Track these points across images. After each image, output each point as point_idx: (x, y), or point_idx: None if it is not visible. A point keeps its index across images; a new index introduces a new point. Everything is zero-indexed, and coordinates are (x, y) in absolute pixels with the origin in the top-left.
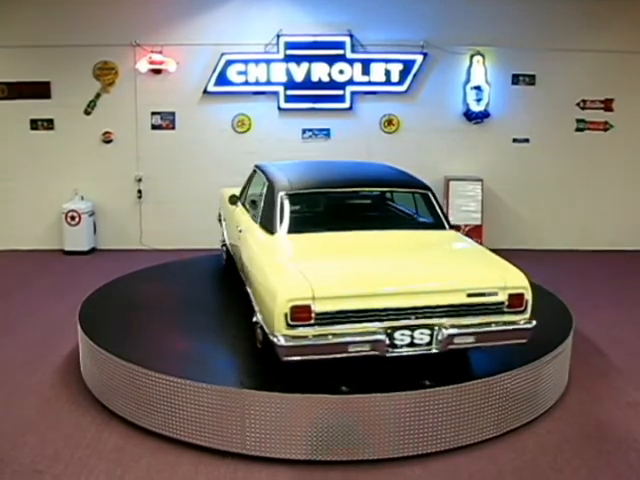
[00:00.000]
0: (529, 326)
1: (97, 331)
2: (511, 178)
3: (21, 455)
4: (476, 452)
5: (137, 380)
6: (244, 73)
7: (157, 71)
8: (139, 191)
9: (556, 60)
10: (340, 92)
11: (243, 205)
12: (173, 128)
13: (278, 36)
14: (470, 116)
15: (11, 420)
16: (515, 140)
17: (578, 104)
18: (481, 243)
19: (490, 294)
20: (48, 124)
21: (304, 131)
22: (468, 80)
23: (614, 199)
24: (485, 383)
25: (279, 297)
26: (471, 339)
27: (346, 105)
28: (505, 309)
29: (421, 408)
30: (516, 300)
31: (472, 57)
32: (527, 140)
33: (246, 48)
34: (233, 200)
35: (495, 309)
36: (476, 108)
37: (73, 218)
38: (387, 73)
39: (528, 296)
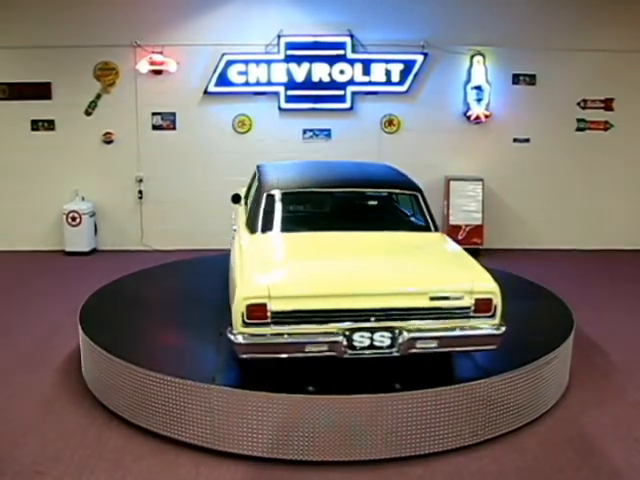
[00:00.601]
0: (497, 332)
1: (98, 331)
2: (512, 178)
3: (22, 455)
4: (477, 452)
5: (138, 381)
6: (245, 73)
7: (158, 72)
8: (140, 192)
9: (556, 60)
10: (341, 92)
11: (245, 204)
12: (174, 129)
13: (279, 36)
14: (470, 116)
15: (12, 420)
16: (516, 140)
17: (579, 104)
18: (481, 243)
19: (455, 298)
20: (49, 125)
21: (305, 131)
22: (469, 80)
23: (615, 198)
24: (486, 383)
25: (237, 296)
26: (434, 343)
27: (347, 105)
28: (472, 314)
29: (422, 408)
30: (483, 305)
31: (472, 57)
32: (528, 140)
33: (247, 48)
34: (235, 199)
35: (461, 313)
36: (476, 111)
37: (74, 219)
38: (388, 73)
39: (497, 301)
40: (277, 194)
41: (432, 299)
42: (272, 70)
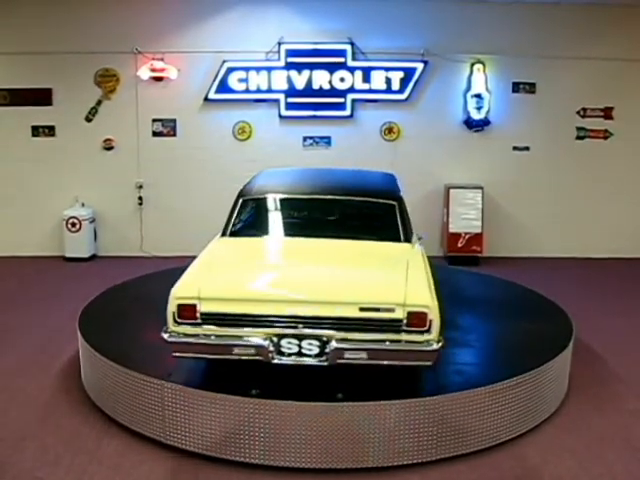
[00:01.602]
0: (430, 348)
1: (97, 337)
2: (511, 186)
3: (21, 461)
4: (476, 460)
5: (137, 387)
6: (245, 80)
7: (158, 78)
8: (140, 198)
9: (556, 68)
10: (341, 100)
11: None
12: (174, 135)
13: (279, 44)
14: (470, 124)
15: (11, 426)
16: (515, 148)
17: (578, 112)
18: (481, 251)
19: (386, 310)
20: (49, 131)
21: (305, 139)
22: (468, 88)
23: (614, 207)
24: (486, 391)
25: (170, 295)
26: (363, 355)
27: (347, 113)
28: (404, 327)
29: (419, 416)
30: (416, 319)
31: (472, 65)
32: (527, 148)
33: (247, 56)
34: None
35: (392, 326)
36: (476, 116)
37: (74, 225)
38: (388, 81)
39: (433, 316)
40: (251, 200)
41: (362, 310)
42: (272, 77)
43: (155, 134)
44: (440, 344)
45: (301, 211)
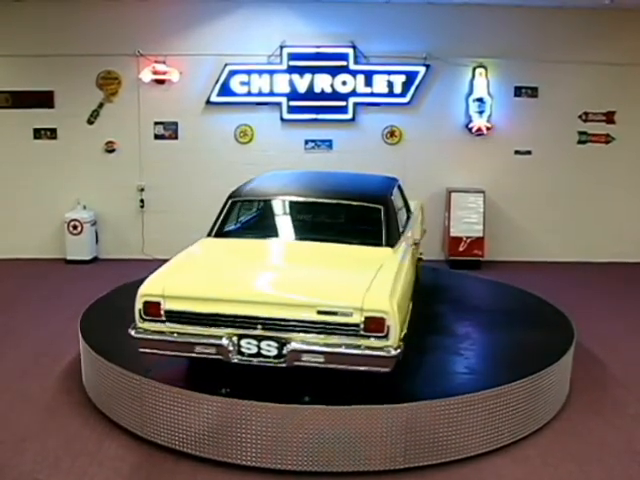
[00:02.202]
0: (387, 354)
1: (98, 340)
2: (513, 190)
3: (21, 463)
4: (478, 463)
5: (138, 389)
6: (247, 84)
7: (160, 81)
8: (141, 201)
9: (558, 72)
10: (343, 103)
11: None
12: (176, 138)
13: (281, 47)
14: (472, 128)
15: (12, 428)
16: (517, 152)
17: (580, 116)
18: (482, 255)
19: (343, 314)
20: (51, 133)
21: (306, 142)
22: (470, 92)
23: (616, 211)
24: (486, 395)
25: (138, 292)
26: (321, 358)
27: (349, 116)
28: (362, 332)
29: (423, 420)
30: (374, 324)
31: (474, 69)
32: (529, 152)
33: (249, 59)
34: None
35: (350, 331)
36: (478, 124)
37: (75, 227)
38: (390, 85)
39: (391, 322)
40: (239, 201)
41: (319, 313)
42: (274, 81)
43: (157, 137)
44: (398, 350)
45: (287, 214)
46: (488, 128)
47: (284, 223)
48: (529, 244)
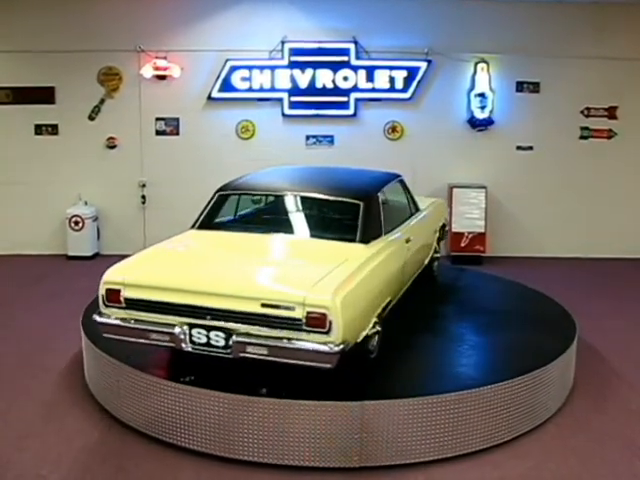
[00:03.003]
0: (328, 350)
1: (100, 336)
2: (515, 186)
3: (24, 459)
4: (480, 459)
5: (140, 385)
6: (248, 79)
7: (161, 77)
8: (143, 196)
9: (560, 67)
10: (344, 99)
11: None
12: (177, 134)
13: (283, 42)
14: (474, 123)
15: (14, 424)
16: (519, 148)
17: (582, 112)
18: (484, 251)
19: (286, 308)
20: (52, 129)
21: (308, 137)
22: (472, 87)
23: (618, 207)
24: (489, 390)
25: (101, 279)
26: (265, 351)
27: (350, 112)
28: (304, 327)
29: (424, 415)
30: (315, 319)
31: (476, 64)
32: (531, 148)
33: (251, 54)
34: None
35: (292, 325)
36: (480, 115)
37: (77, 223)
38: (391, 80)
39: (333, 317)
40: (225, 195)
41: (263, 306)
42: (276, 76)
43: (158, 133)
44: (341, 347)
45: (269, 208)
46: (489, 122)
47: (263, 217)
48: (531, 240)
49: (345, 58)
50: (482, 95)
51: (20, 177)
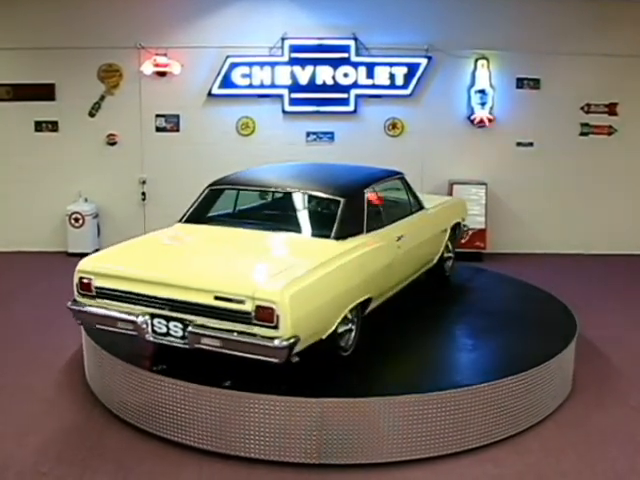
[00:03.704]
0: (275, 345)
1: (100, 333)
2: (515, 182)
3: (24, 456)
4: (480, 455)
5: (141, 382)
6: (249, 76)
7: (162, 74)
8: (143, 193)
9: (561, 64)
10: (344, 95)
11: None
12: (177, 131)
13: (283, 39)
14: (473, 121)
15: (14, 421)
16: (519, 144)
17: (582, 108)
18: (484, 247)
19: (237, 301)
20: (52, 126)
21: (308, 134)
22: (472, 84)
23: (618, 203)
24: (490, 387)
25: (75, 269)
26: (218, 343)
27: (350, 108)
28: (254, 321)
29: (426, 411)
30: (264, 313)
31: (476, 61)
32: (531, 144)
33: (251, 51)
34: None
35: (243, 318)
36: (480, 112)
37: (77, 220)
38: (391, 76)
39: (281, 312)
40: (214, 190)
41: (216, 298)
42: (276, 73)
43: (158, 129)
44: (290, 342)
45: (255, 203)
46: (490, 120)
47: (247, 212)
48: (531, 236)
49: (345, 55)
50: (482, 92)
51: (20, 174)
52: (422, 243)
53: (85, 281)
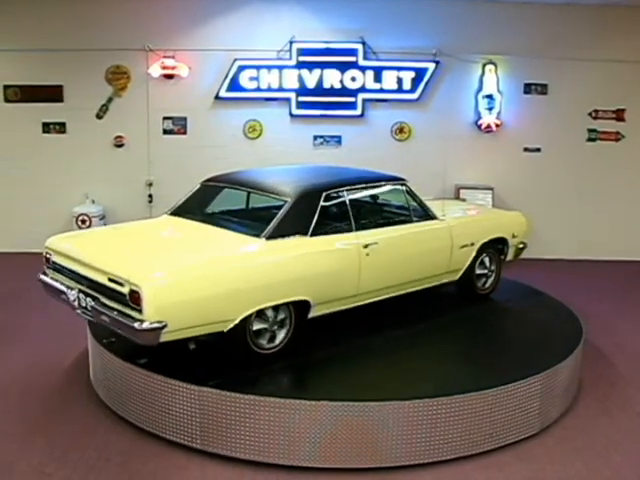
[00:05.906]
0: (134, 326)
1: (106, 334)
2: (522, 187)
3: (29, 457)
4: (485, 461)
5: (145, 384)
6: (256, 79)
7: (169, 76)
8: (150, 195)
9: (568, 69)
10: (352, 99)
11: None
12: (184, 133)
13: (291, 42)
14: (480, 126)
15: (19, 422)
16: (526, 149)
17: (590, 114)
18: None
19: (119, 283)
20: (60, 127)
21: (315, 138)
22: (480, 89)
23: (625, 209)
24: (494, 392)
25: None
26: (107, 320)
27: (358, 112)
28: (129, 302)
29: (432, 416)
30: (133, 297)
31: (484, 65)
32: (538, 149)
33: (258, 54)
34: None
35: (123, 299)
36: (487, 119)
37: (84, 222)
38: (399, 81)
39: (145, 297)
40: (204, 186)
41: (109, 280)
42: (283, 76)
43: (166, 132)
44: (152, 326)
45: (229, 201)
46: (497, 125)
47: (217, 209)
48: (537, 241)
49: (353, 58)
50: (490, 96)
51: (27, 175)
52: (419, 254)
53: (47, 256)
